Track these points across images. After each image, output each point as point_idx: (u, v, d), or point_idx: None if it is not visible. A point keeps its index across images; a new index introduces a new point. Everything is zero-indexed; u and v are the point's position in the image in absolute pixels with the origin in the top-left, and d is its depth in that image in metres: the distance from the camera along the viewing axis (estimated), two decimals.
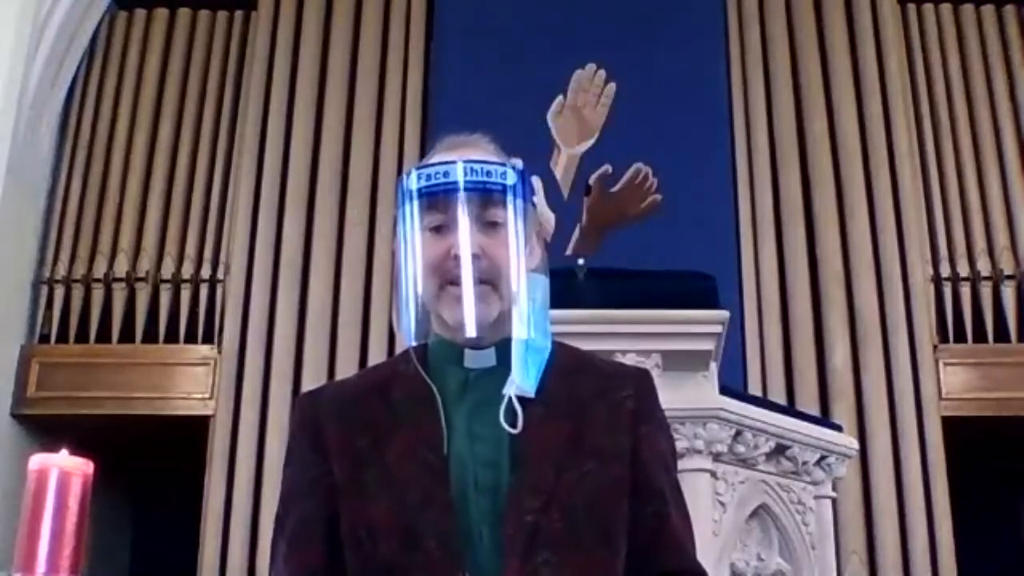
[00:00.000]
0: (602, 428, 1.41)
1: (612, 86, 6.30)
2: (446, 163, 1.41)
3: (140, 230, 6.32)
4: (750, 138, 6.37)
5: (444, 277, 1.40)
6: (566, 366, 1.45)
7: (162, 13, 6.83)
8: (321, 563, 1.39)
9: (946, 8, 6.72)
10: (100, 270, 6.18)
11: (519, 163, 1.45)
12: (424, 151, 6.38)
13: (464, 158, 1.41)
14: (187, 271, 6.21)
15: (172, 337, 6.11)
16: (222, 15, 6.85)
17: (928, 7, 6.74)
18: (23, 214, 6.14)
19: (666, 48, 6.28)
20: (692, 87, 6.24)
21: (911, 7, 6.74)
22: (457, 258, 1.37)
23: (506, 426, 1.36)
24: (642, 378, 1.51)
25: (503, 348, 1.42)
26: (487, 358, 1.44)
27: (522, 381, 1.38)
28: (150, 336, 6.09)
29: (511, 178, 1.41)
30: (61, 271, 6.20)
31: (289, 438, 1.51)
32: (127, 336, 6.09)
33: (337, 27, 6.65)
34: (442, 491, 1.35)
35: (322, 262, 6.15)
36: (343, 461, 1.40)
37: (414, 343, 1.41)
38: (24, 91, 5.90)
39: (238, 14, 6.84)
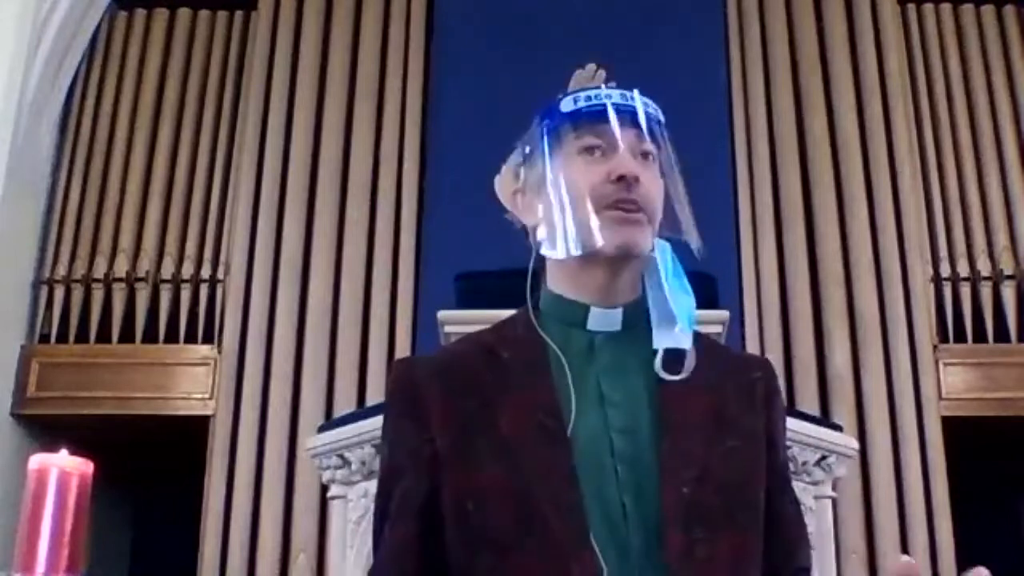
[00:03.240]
0: (737, 405, 1.31)
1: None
2: (608, 87, 1.39)
3: (140, 230, 6.32)
4: (750, 138, 6.36)
5: (601, 202, 1.29)
6: (697, 344, 1.34)
7: (162, 13, 6.82)
8: (415, 538, 1.27)
9: (946, 8, 6.71)
10: (100, 270, 6.18)
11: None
12: (424, 151, 6.43)
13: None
14: (187, 271, 6.20)
15: (172, 337, 6.11)
16: (222, 15, 6.84)
17: (928, 7, 6.73)
18: (23, 214, 6.14)
19: (666, 48, 6.27)
20: (692, 88, 6.23)
21: (911, 7, 6.73)
22: (620, 179, 1.29)
23: (664, 374, 1.25)
24: (767, 364, 1.43)
25: (632, 312, 1.32)
26: (614, 320, 1.32)
27: (682, 328, 1.28)
28: (150, 336, 6.09)
29: (662, 117, 1.39)
30: (61, 271, 6.19)
31: (384, 412, 1.38)
32: (127, 336, 6.09)
33: (337, 27, 6.64)
34: (564, 459, 1.21)
35: (322, 262, 6.14)
36: (447, 427, 1.27)
37: (578, 253, 1.29)
38: (24, 91, 5.90)
39: (238, 14, 6.83)
